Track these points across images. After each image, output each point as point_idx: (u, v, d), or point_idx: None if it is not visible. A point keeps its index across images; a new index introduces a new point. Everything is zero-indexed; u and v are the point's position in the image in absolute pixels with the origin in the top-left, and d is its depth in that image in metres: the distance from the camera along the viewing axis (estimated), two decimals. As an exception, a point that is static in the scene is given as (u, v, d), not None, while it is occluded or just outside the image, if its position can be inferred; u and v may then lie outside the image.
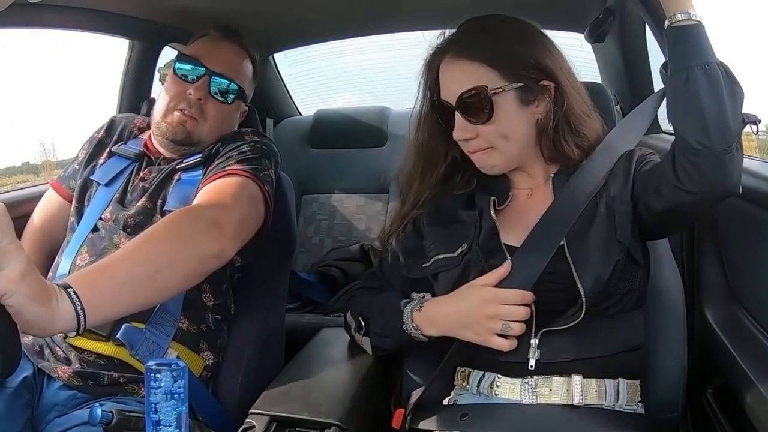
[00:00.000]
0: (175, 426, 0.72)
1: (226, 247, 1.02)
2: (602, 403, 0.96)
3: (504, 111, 0.99)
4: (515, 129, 1.01)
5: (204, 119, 1.23)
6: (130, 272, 0.88)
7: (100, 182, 1.25)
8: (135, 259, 0.90)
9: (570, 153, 1.02)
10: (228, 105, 1.26)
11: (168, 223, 1.00)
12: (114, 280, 0.86)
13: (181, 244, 0.96)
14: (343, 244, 2.06)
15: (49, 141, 3.31)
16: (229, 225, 1.03)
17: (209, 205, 1.07)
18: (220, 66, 1.24)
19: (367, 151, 2.17)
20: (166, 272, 0.92)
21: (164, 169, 1.24)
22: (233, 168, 1.16)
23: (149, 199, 1.20)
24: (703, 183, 0.88)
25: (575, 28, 1.72)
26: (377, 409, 1.10)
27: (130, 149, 1.29)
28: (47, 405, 1.07)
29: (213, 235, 0.99)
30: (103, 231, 1.18)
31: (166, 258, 0.93)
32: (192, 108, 1.22)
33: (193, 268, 0.97)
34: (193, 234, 0.98)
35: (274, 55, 2.23)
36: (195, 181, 1.19)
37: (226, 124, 1.28)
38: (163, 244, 0.94)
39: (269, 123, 2.21)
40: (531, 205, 1.05)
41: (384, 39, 2.15)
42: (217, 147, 1.25)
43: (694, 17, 0.89)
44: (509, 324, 0.93)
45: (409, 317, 1.02)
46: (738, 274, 1.19)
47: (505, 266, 0.95)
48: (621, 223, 0.97)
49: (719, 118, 0.86)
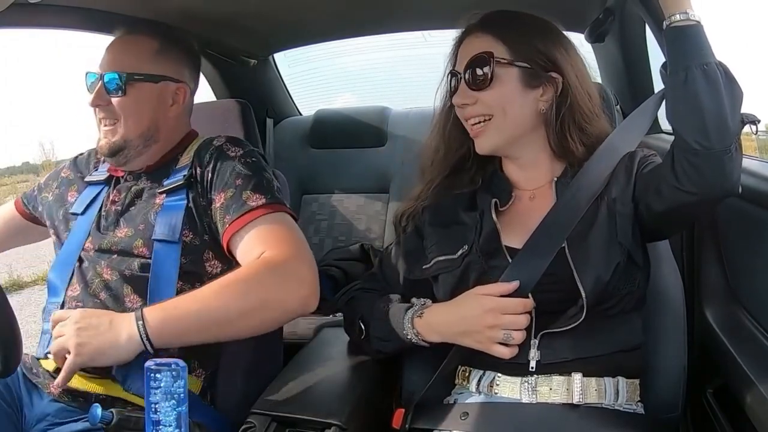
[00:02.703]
0: (174, 426, 0.72)
1: (313, 302, 1.06)
2: (602, 402, 0.96)
3: (506, 84, 1.01)
4: (515, 106, 1.02)
5: (117, 118, 1.19)
6: (198, 315, 1.00)
7: (78, 212, 1.24)
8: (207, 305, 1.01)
9: (574, 149, 1.03)
10: (124, 96, 1.18)
11: (254, 275, 1.03)
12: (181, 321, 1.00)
13: (267, 301, 1.02)
14: (343, 244, 2.06)
15: (48, 141, 3.33)
16: (313, 278, 1.06)
17: (290, 258, 1.06)
18: (107, 64, 1.20)
19: (367, 151, 2.17)
20: (237, 322, 1.01)
21: (132, 186, 1.22)
22: (257, 202, 1.11)
23: (127, 223, 1.17)
24: (702, 183, 0.89)
25: (575, 28, 1.72)
26: (377, 409, 1.10)
27: (101, 174, 1.28)
28: (37, 415, 1.07)
29: (297, 290, 1.04)
30: (86, 262, 1.16)
31: (240, 308, 1.01)
32: (101, 115, 1.19)
33: (273, 318, 1.05)
34: (278, 287, 1.03)
35: (274, 55, 2.23)
36: (179, 207, 1.15)
37: (143, 112, 1.20)
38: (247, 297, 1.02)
39: (269, 123, 2.21)
40: (533, 207, 1.05)
41: (384, 39, 2.15)
42: (195, 165, 1.19)
43: (692, 17, 0.89)
44: (510, 333, 0.93)
45: (410, 323, 1.02)
46: (738, 274, 1.19)
47: (513, 284, 0.95)
48: (622, 225, 0.97)
49: (718, 119, 0.86)
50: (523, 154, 1.07)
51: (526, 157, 1.07)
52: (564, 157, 1.06)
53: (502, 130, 1.03)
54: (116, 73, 1.18)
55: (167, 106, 1.23)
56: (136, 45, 1.22)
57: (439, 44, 2.15)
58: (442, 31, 2.03)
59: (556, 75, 1.02)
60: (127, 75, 1.18)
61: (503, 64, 1.01)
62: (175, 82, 1.24)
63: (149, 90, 1.20)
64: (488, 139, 1.04)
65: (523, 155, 1.07)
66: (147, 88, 1.20)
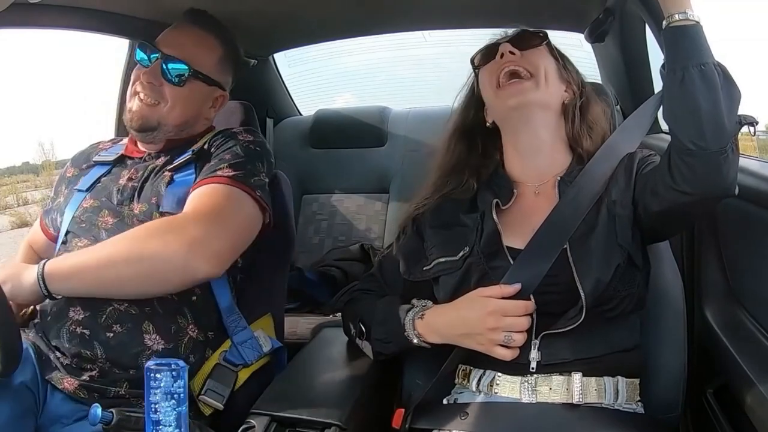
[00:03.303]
0: (174, 426, 0.72)
1: (199, 264, 1.06)
2: (602, 401, 0.96)
3: (549, 60, 1.09)
4: (554, 80, 1.08)
5: (164, 102, 1.22)
6: (86, 263, 1.05)
7: (83, 189, 1.26)
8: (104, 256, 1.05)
9: (586, 141, 1.08)
10: (181, 88, 1.23)
11: (148, 227, 1.08)
12: (71, 268, 1.05)
13: (147, 250, 1.04)
14: (343, 244, 2.06)
15: (48, 141, 3.33)
16: (207, 244, 1.06)
17: (191, 217, 1.09)
18: (174, 49, 1.22)
19: (367, 151, 2.17)
20: (130, 269, 1.05)
21: (150, 165, 1.24)
22: (225, 173, 1.15)
23: (141, 199, 1.19)
24: (697, 184, 0.89)
25: (575, 28, 1.72)
26: (377, 409, 1.10)
27: (111, 154, 1.30)
28: (52, 416, 1.06)
29: (181, 247, 1.04)
30: (104, 234, 1.17)
31: (128, 258, 1.04)
32: (147, 91, 1.22)
33: (156, 271, 1.05)
34: (161, 242, 1.04)
35: (274, 55, 2.23)
36: (188, 181, 1.19)
37: (189, 108, 1.25)
38: (131, 243, 1.05)
39: (269, 123, 2.21)
40: (535, 206, 1.05)
41: (384, 39, 2.15)
42: (208, 144, 1.24)
43: (691, 17, 0.89)
44: (511, 335, 0.93)
45: (411, 325, 1.02)
46: (738, 274, 1.19)
47: (514, 287, 0.95)
48: (622, 227, 0.98)
49: (714, 119, 0.86)
50: (543, 132, 1.08)
51: (543, 139, 1.08)
52: (574, 149, 1.09)
53: (540, 91, 1.05)
54: (184, 64, 1.22)
55: (207, 108, 1.30)
56: (207, 45, 1.28)
57: (439, 44, 2.16)
58: (442, 31, 2.04)
59: (576, 86, 1.11)
60: (194, 71, 1.23)
61: (548, 49, 1.10)
62: (222, 90, 1.31)
63: (202, 91, 1.27)
64: (524, 94, 1.05)
65: (542, 134, 1.08)
66: (202, 88, 1.26)
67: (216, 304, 1.18)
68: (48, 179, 8.35)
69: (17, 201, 8.21)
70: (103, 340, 1.07)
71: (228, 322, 1.17)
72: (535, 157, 1.09)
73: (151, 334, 1.09)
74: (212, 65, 1.27)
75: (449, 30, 1.96)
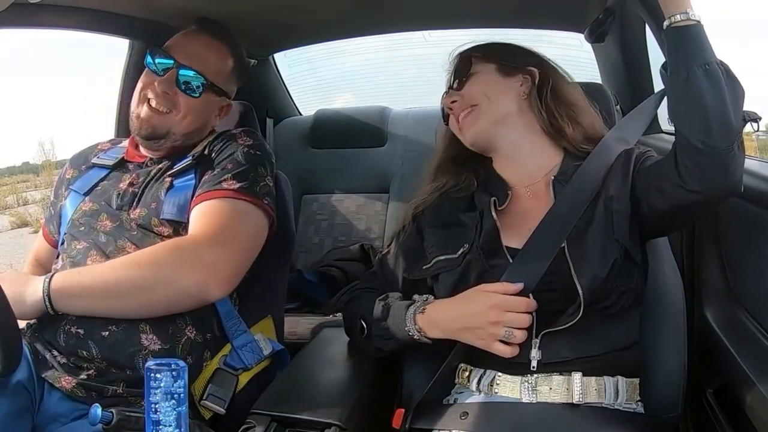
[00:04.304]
0: (174, 426, 0.72)
1: (213, 290, 1.07)
2: (602, 401, 0.97)
3: (484, 75, 1.11)
4: (497, 92, 1.09)
5: (177, 111, 1.22)
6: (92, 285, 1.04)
7: (80, 192, 1.25)
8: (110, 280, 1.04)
9: (567, 129, 1.07)
10: (196, 98, 1.23)
11: (158, 253, 1.07)
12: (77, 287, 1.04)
13: (160, 278, 1.04)
14: (343, 244, 2.06)
15: (48, 141, 3.34)
16: (222, 269, 1.07)
17: (203, 241, 1.08)
18: (189, 59, 1.22)
19: (367, 151, 2.17)
20: (140, 297, 1.04)
21: (152, 170, 1.23)
22: (230, 186, 1.14)
23: (142, 205, 1.19)
24: (706, 182, 0.89)
25: (575, 28, 1.72)
26: (377, 409, 1.10)
27: (110, 157, 1.29)
28: (49, 415, 1.06)
29: (196, 275, 1.05)
30: (103, 237, 1.16)
31: (141, 286, 1.04)
32: (160, 99, 1.21)
33: (166, 296, 1.05)
34: (175, 270, 1.05)
35: (274, 55, 2.23)
36: (188, 187, 1.18)
37: (199, 118, 1.25)
38: (142, 271, 1.04)
39: (269, 123, 2.21)
40: (531, 207, 1.05)
41: (384, 39, 2.16)
42: (207, 148, 1.23)
43: (693, 17, 0.89)
44: (512, 331, 0.93)
45: (412, 319, 1.02)
46: (738, 274, 1.19)
47: (517, 286, 0.95)
48: (619, 222, 0.98)
49: (721, 117, 0.87)
50: (516, 138, 1.09)
51: (519, 144, 1.09)
52: (559, 139, 1.08)
53: (488, 113, 1.08)
54: (199, 74, 1.22)
55: (214, 117, 1.31)
56: (221, 56, 1.28)
57: (439, 44, 2.16)
58: (442, 31, 2.04)
59: (532, 68, 1.10)
60: (210, 82, 1.24)
61: (479, 59, 1.11)
62: (229, 100, 1.33)
63: (213, 101, 1.28)
64: (476, 123, 1.08)
65: (515, 140, 1.09)
66: (213, 99, 1.27)
67: (215, 309, 1.17)
68: (48, 179, 8.36)
69: (17, 201, 8.22)
70: (98, 339, 1.07)
71: (228, 326, 1.17)
72: (520, 161, 1.10)
73: (147, 334, 1.08)
74: (225, 76, 1.29)
75: (449, 30, 1.96)
